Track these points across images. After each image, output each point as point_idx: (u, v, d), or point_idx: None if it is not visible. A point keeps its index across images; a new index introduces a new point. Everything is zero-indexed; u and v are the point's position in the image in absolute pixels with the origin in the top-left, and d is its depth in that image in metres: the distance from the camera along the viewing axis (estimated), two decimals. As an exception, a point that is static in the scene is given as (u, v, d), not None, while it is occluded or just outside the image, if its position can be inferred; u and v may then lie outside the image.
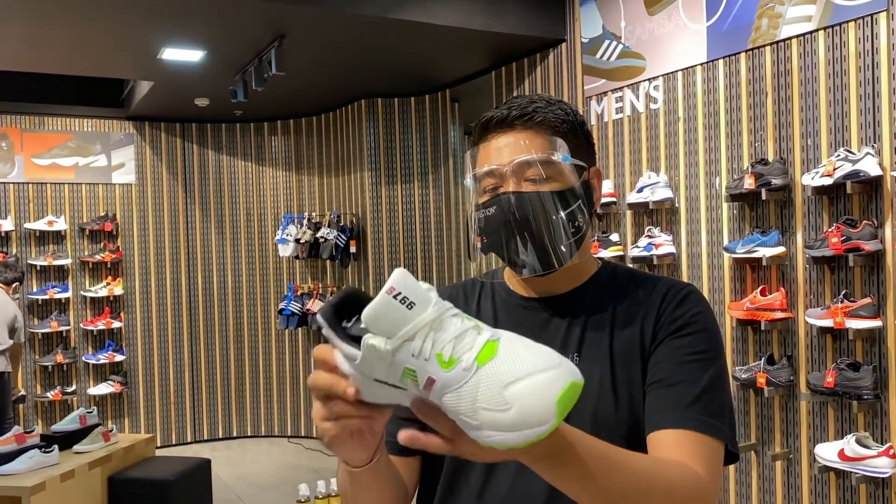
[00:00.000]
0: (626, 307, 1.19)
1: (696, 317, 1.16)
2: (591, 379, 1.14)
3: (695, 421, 1.08)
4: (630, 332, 1.17)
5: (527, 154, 1.14)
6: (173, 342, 7.06)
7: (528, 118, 1.16)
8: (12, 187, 6.47)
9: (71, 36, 4.55)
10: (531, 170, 1.14)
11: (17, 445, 3.88)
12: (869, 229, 3.00)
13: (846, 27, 3.16)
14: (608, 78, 4.35)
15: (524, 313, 1.23)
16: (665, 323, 1.16)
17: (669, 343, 1.15)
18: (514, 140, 1.16)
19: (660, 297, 1.18)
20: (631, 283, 1.23)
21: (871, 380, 2.99)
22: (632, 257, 4.11)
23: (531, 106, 1.17)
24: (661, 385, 1.13)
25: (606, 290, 1.22)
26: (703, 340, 1.15)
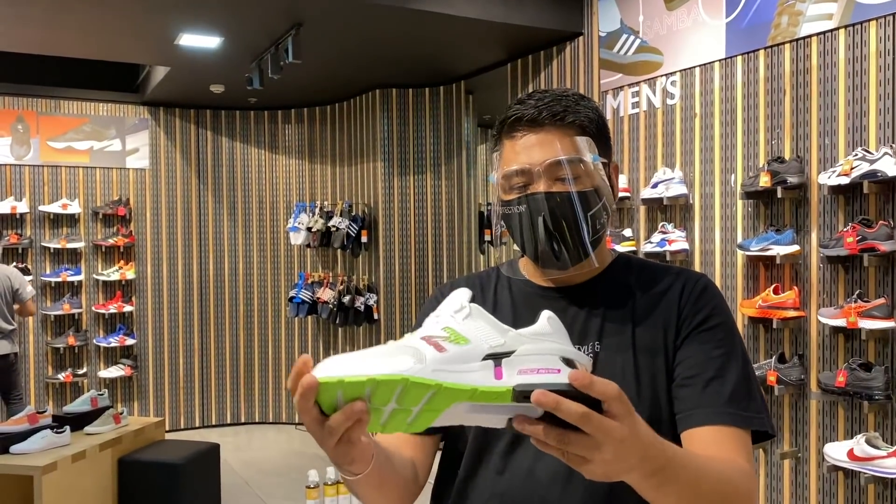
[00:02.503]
0: (646, 299, 1.21)
1: (716, 310, 1.20)
2: (614, 368, 1.17)
3: (733, 416, 1.12)
4: (652, 324, 1.19)
5: (559, 155, 1.15)
6: (184, 327, 7.10)
7: (560, 118, 1.17)
8: (28, 170, 6.51)
9: (89, 20, 4.56)
10: (561, 170, 1.15)
11: (29, 426, 3.92)
12: (885, 230, 2.99)
13: (867, 26, 3.14)
14: (625, 72, 4.33)
15: (542, 303, 1.22)
16: (688, 318, 1.19)
17: (695, 339, 1.18)
18: (545, 140, 1.17)
19: (678, 291, 1.21)
20: (646, 273, 1.25)
21: (882, 380, 2.99)
22: (644, 253, 4.10)
23: (560, 104, 1.18)
24: (693, 382, 1.15)
25: (623, 280, 1.25)
26: (726, 332, 1.19)
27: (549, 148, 1.16)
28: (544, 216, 1.15)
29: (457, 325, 0.84)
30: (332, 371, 0.77)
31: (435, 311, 0.89)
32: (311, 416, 0.80)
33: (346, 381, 0.76)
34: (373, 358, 0.78)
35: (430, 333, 0.83)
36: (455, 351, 0.80)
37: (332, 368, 0.77)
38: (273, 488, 5.33)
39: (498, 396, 0.78)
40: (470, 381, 0.78)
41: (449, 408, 0.78)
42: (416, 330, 0.87)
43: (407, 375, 0.76)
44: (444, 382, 0.76)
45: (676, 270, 1.27)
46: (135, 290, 6.86)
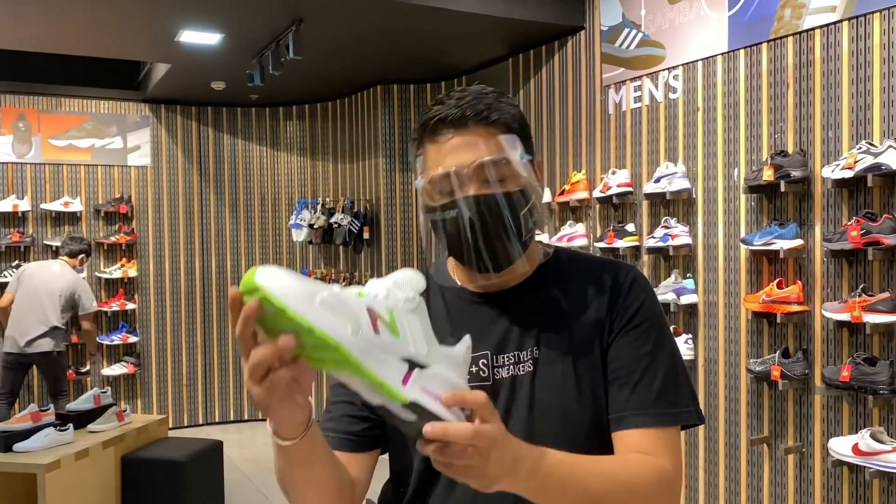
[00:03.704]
0: (579, 297, 1.21)
1: (644, 304, 1.20)
2: (554, 374, 1.17)
3: (659, 417, 1.15)
4: (586, 323, 1.19)
5: (486, 156, 1.11)
6: (186, 324, 7.10)
7: (484, 117, 1.13)
8: (29, 168, 6.50)
9: (89, 17, 4.55)
10: (491, 172, 1.11)
11: (32, 423, 3.91)
12: (889, 223, 2.97)
13: (871, 18, 3.13)
14: (627, 67, 4.31)
15: (476, 309, 1.22)
16: (618, 315, 1.19)
17: (625, 336, 1.18)
18: (470, 141, 1.12)
19: (608, 287, 1.21)
20: (577, 269, 1.24)
21: (887, 375, 2.97)
22: (647, 247, 4.09)
23: (483, 102, 1.13)
24: (621, 383, 1.17)
25: (555, 279, 1.23)
26: (654, 328, 1.19)
27: (476, 149, 1.12)
28: (476, 220, 1.11)
29: (399, 314, 0.88)
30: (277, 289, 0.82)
31: (392, 278, 0.92)
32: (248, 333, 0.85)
33: (289, 313, 0.80)
34: (319, 307, 0.82)
35: (374, 307, 0.86)
36: (385, 339, 0.85)
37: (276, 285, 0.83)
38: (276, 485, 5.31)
39: (395, 398, 0.84)
40: (382, 374, 0.83)
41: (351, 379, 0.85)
42: (367, 284, 0.91)
43: (341, 344, 0.81)
44: (364, 365, 0.82)
45: (607, 264, 1.26)
46: (137, 288, 6.86)
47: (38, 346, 5.38)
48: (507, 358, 1.18)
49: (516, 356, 1.18)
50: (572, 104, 4.73)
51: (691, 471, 4.03)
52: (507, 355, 1.18)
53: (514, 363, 1.18)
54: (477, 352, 1.17)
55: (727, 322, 3.79)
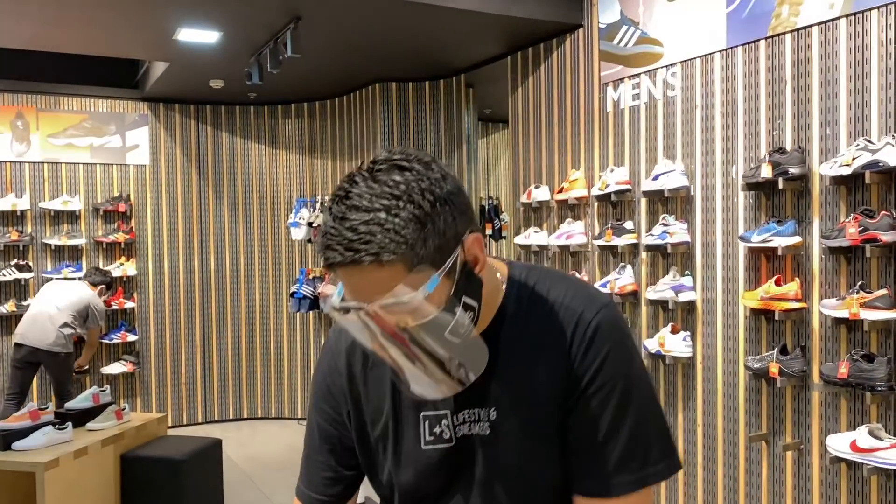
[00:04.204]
0: (534, 350, 1.12)
1: (606, 361, 1.10)
2: (511, 435, 1.13)
3: (620, 486, 1.10)
4: (541, 380, 1.12)
5: (383, 300, 0.97)
6: (185, 323, 7.10)
7: (373, 259, 0.95)
8: (28, 166, 6.50)
9: (87, 16, 4.55)
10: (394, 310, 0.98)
11: (31, 422, 3.92)
12: (887, 220, 2.97)
13: (869, 15, 3.13)
14: (625, 64, 4.31)
15: None
16: (577, 373, 1.10)
17: (583, 403, 1.10)
18: (362, 283, 0.98)
19: (567, 340, 1.11)
20: (535, 314, 1.14)
21: (885, 371, 2.98)
22: (646, 245, 4.09)
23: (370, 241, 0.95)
24: (583, 447, 1.11)
25: (512, 328, 1.14)
26: (617, 388, 1.10)
27: (370, 293, 0.97)
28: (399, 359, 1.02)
29: None
30: None
31: None
32: None
33: None
34: None
35: None
36: None
37: None
38: (276, 483, 5.34)
39: None
40: None
41: None
42: None
43: None
44: None
45: (568, 307, 1.13)
46: (136, 287, 6.86)
47: (48, 345, 5.51)
48: (468, 415, 1.14)
49: (476, 414, 1.14)
50: (570, 102, 4.73)
51: (690, 468, 4.04)
52: (467, 412, 1.14)
53: (475, 421, 1.14)
54: (438, 410, 1.15)
55: (725, 319, 3.80)
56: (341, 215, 0.98)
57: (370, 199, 0.98)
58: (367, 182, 0.99)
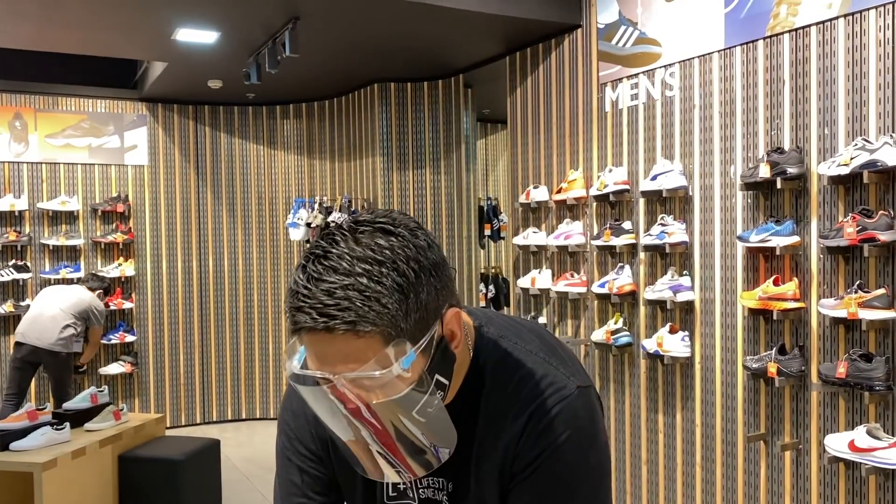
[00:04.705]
0: (495, 428, 1.07)
1: (553, 453, 1.04)
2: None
3: None
4: (498, 459, 1.08)
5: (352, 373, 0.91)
6: (184, 324, 7.09)
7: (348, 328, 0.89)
8: (26, 167, 6.49)
9: (85, 16, 4.55)
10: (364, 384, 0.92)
11: (29, 422, 3.91)
12: (885, 219, 2.97)
13: (867, 14, 3.13)
14: (624, 64, 4.31)
15: None
16: (521, 459, 1.05)
17: (521, 485, 1.05)
18: (332, 353, 0.91)
19: (523, 423, 1.05)
20: (500, 388, 1.07)
21: (883, 371, 2.98)
22: (644, 245, 4.09)
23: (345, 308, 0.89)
24: None
25: (474, 405, 1.08)
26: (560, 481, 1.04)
27: (339, 364, 0.91)
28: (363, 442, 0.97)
29: None
30: None
31: None
32: None
33: None
34: None
35: None
36: None
37: None
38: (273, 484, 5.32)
39: None
40: None
41: None
42: None
43: None
44: None
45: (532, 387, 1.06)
46: (134, 287, 6.86)
47: (49, 344, 5.52)
48: (430, 482, 1.13)
49: (439, 482, 1.13)
50: (569, 102, 4.73)
51: (688, 468, 4.04)
52: (430, 479, 1.13)
53: (437, 489, 1.14)
54: None
55: (724, 319, 3.80)
56: (317, 276, 0.90)
57: (351, 261, 0.90)
58: (348, 243, 0.92)
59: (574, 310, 4.68)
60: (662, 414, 4.18)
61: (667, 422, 4.16)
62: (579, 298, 4.60)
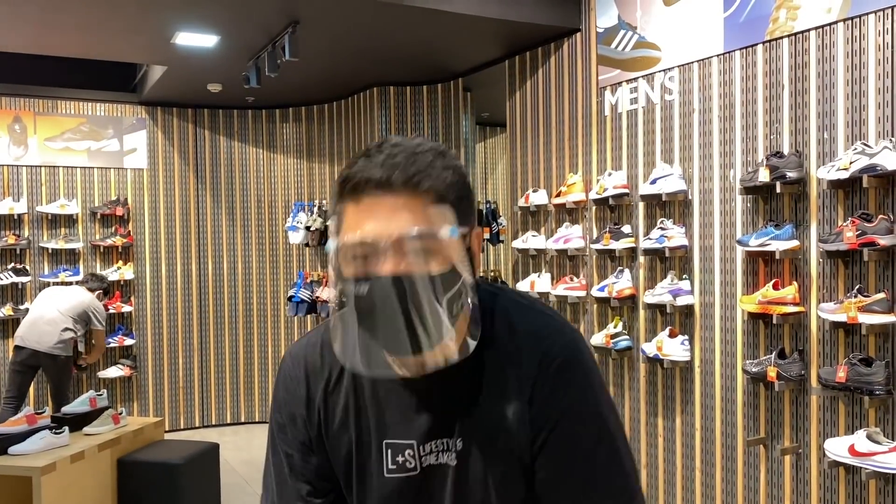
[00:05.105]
0: (500, 382, 1.10)
1: (573, 399, 1.08)
2: (476, 467, 1.11)
3: None
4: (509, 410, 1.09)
5: (410, 229, 0.97)
6: (183, 327, 7.09)
7: (414, 184, 0.99)
8: (25, 170, 6.49)
9: (85, 20, 4.55)
10: (413, 246, 0.98)
11: (27, 426, 3.91)
12: (885, 224, 2.98)
13: (866, 19, 3.13)
14: (623, 68, 4.32)
15: (400, 394, 1.13)
16: (541, 413, 1.08)
17: (552, 441, 1.08)
18: (395, 207, 0.98)
19: (533, 373, 1.08)
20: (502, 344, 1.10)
21: (883, 375, 2.98)
22: (644, 249, 4.09)
23: (414, 165, 0.99)
24: (555, 491, 1.09)
25: (479, 357, 1.09)
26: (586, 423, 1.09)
27: (400, 219, 0.98)
28: (392, 303, 0.97)
29: None
30: None
31: None
32: None
33: None
34: None
35: None
36: None
37: None
38: (273, 488, 5.32)
39: None
40: None
41: None
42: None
43: None
44: None
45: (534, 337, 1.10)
46: (133, 290, 6.85)
47: (48, 348, 5.51)
48: (434, 445, 1.12)
49: (444, 444, 1.12)
50: (568, 106, 4.74)
51: (688, 472, 4.03)
52: (434, 443, 1.12)
53: (442, 451, 1.12)
54: (402, 439, 1.13)
55: (723, 323, 3.80)
56: (386, 151, 1.00)
57: (415, 145, 1.01)
58: (404, 138, 1.03)
59: (573, 314, 4.68)
60: (662, 418, 4.17)
61: (666, 426, 4.15)
62: (579, 302, 4.60)
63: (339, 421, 1.16)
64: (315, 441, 1.19)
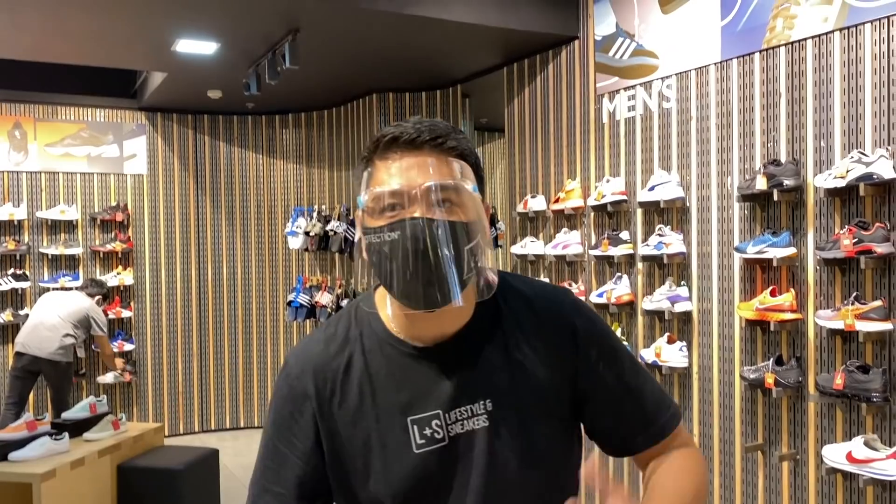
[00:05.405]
0: (523, 339, 1.17)
1: (596, 330, 1.22)
2: (510, 425, 1.14)
3: (664, 427, 1.23)
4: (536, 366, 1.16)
5: (439, 179, 1.06)
6: (182, 332, 7.10)
7: (440, 143, 1.09)
8: (25, 176, 6.51)
9: (86, 26, 4.57)
10: (441, 196, 1.05)
11: (28, 433, 3.92)
12: (881, 232, 2.99)
13: (862, 28, 3.15)
14: (621, 76, 4.34)
15: (419, 365, 1.15)
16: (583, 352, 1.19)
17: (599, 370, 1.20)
18: (423, 162, 1.07)
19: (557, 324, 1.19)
20: (517, 306, 1.19)
21: (880, 382, 2.99)
22: (642, 255, 4.11)
23: (438, 130, 1.10)
24: (617, 411, 1.22)
25: (495, 320, 1.17)
26: (617, 352, 1.23)
27: (428, 171, 1.07)
28: (420, 244, 1.03)
29: None
30: None
31: None
32: None
33: None
34: None
35: None
36: None
37: None
38: (272, 493, 5.32)
39: None
40: None
41: None
42: None
43: None
44: None
45: (542, 296, 1.22)
46: (133, 296, 6.86)
47: (49, 354, 5.52)
48: (461, 413, 1.14)
49: (470, 410, 1.14)
50: (566, 113, 4.76)
51: (686, 478, 4.04)
52: (460, 410, 1.14)
53: (469, 417, 1.14)
54: (427, 412, 1.13)
55: (721, 330, 3.81)
56: (412, 121, 1.11)
57: (437, 120, 1.13)
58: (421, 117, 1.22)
59: (572, 320, 4.68)
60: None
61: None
62: (577, 308, 4.60)
63: (354, 410, 1.15)
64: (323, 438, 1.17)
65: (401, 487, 1.13)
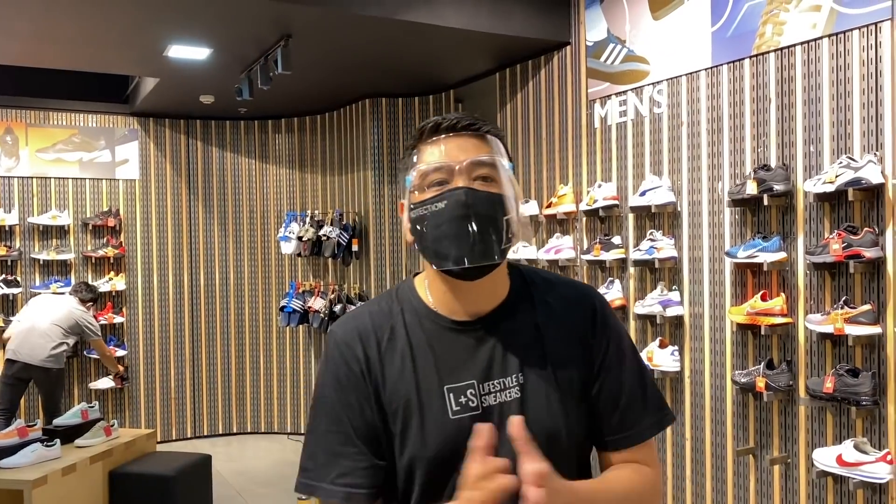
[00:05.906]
0: (555, 320, 1.27)
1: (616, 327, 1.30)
2: (539, 398, 1.22)
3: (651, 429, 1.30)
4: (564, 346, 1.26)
5: (480, 155, 1.19)
6: (175, 338, 7.08)
7: (477, 128, 1.22)
8: (17, 181, 6.49)
9: (78, 32, 4.56)
10: (483, 170, 1.19)
11: (19, 439, 3.91)
12: (870, 236, 3.02)
13: (850, 35, 3.18)
14: (612, 81, 4.36)
15: (457, 338, 1.24)
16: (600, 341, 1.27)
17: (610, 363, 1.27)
18: (465, 143, 1.20)
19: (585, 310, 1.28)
20: (551, 290, 1.30)
21: (869, 386, 3.01)
22: (633, 260, 4.13)
23: (474, 119, 1.23)
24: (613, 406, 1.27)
25: (529, 301, 1.28)
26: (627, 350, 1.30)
27: (471, 148, 1.20)
28: (465, 209, 1.15)
29: None
30: None
31: None
32: None
33: None
34: None
35: None
36: None
37: None
38: (265, 498, 5.32)
39: None
40: None
41: None
42: None
43: None
44: None
45: (574, 285, 1.34)
46: (125, 301, 6.85)
47: (40, 361, 5.49)
48: (494, 385, 1.21)
49: (502, 383, 1.22)
50: (558, 118, 4.78)
51: (678, 481, 4.06)
52: (494, 382, 1.22)
53: (501, 390, 1.21)
54: (463, 381, 1.21)
55: (712, 334, 3.83)
56: (451, 114, 1.24)
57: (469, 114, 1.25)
58: None
59: (564, 324, 4.70)
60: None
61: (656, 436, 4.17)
62: (570, 313, 4.61)
63: (397, 375, 1.22)
64: (372, 400, 1.22)
65: (437, 451, 1.19)
